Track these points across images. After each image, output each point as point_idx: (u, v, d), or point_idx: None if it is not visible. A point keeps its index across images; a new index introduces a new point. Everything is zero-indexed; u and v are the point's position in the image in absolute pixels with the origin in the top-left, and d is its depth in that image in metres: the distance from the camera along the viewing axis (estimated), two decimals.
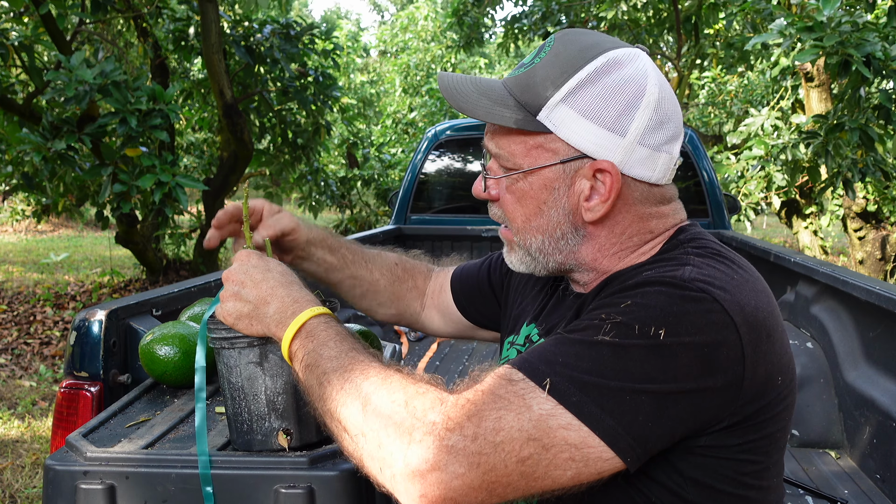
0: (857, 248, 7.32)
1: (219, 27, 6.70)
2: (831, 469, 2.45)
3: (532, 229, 1.06)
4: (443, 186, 4.68)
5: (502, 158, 1.06)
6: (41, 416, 4.52)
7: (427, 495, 0.84)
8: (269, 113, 8.15)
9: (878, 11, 6.41)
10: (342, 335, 1.01)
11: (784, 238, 12.95)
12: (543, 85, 1.01)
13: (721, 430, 0.90)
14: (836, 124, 4.89)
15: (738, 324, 0.88)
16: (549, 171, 1.03)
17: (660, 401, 0.85)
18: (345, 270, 1.43)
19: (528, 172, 1.03)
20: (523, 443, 0.84)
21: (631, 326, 0.87)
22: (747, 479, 0.95)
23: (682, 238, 1.05)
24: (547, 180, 1.03)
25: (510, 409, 0.85)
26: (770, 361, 0.92)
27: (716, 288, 0.90)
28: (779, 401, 0.94)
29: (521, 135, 1.03)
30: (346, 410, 0.91)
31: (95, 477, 1.08)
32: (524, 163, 1.04)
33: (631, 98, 0.98)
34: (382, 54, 22.01)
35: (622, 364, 0.85)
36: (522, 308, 1.29)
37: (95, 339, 1.69)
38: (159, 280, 7.95)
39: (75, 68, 4.93)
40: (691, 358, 0.86)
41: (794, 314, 3.03)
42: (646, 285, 0.92)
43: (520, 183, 1.05)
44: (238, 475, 1.08)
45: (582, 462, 0.85)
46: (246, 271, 1.10)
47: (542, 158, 1.02)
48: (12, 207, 12.39)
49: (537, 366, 0.88)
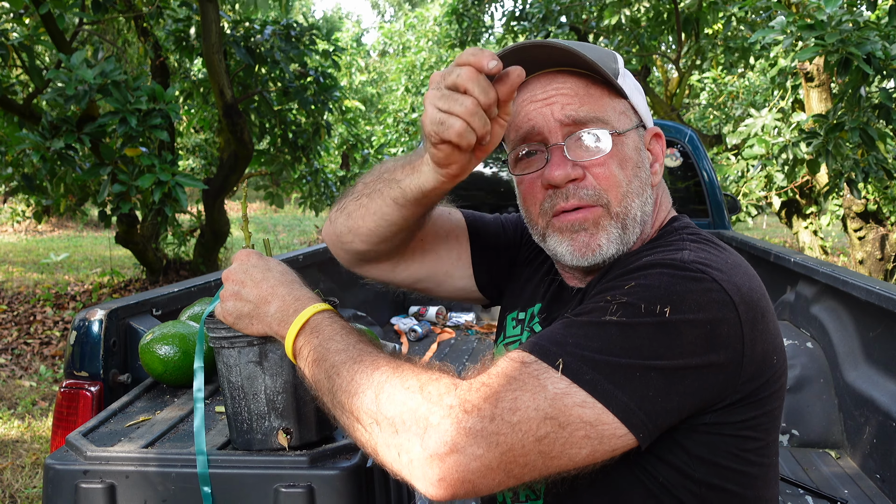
0: (857, 248, 7.31)
1: (219, 27, 6.70)
2: (831, 469, 2.45)
3: (632, 194, 1.07)
4: None
5: (599, 122, 1.05)
6: (41, 416, 4.52)
7: (446, 478, 0.84)
8: (269, 113, 8.16)
9: (878, 12, 6.40)
10: (347, 329, 1.01)
11: (784, 238, 12.95)
12: (607, 59, 1.08)
13: (724, 407, 0.93)
14: (837, 124, 4.89)
15: (737, 302, 0.92)
16: (635, 134, 1.09)
17: (668, 376, 0.87)
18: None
19: (623, 135, 1.07)
20: (540, 422, 0.84)
21: (637, 306, 0.89)
22: (750, 455, 0.98)
23: (676, 226, 1.11)
24: (636, 143, 1.09)
25: (525, 389, 0.85)
26: (766, 340, 0.95)
27: (713, 269, 0.94)
28: (774, 379, 0.97)
29: (609, 98, 1.08)
30: (359, 400, 0.91)
31: (95, 476, 1.09)
32: (620, 125, 1.07)
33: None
34: (382, 55, 22.02)
35: (631, 342, 0.87)
36: (530, 285, 1.28)
37: (95, 338, 1.69)
38: (159, 280, 7.95)
39: (75, 68, 4.93)
40: (696, 334, 0.88)
41: (794, 314, 3.03)
42: (648, 268, 0.95)
43: (620, 146, 1.07)
44: (238, 474, 1.08)
45: (597, 439, 0.86)
46: (246, 271, 1.10)
47: (628, 122, 1.09)
48: (12, 208, 12.39)
49: (548, 348, 0.89)
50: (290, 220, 17.12)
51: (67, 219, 14.90)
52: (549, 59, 1.06)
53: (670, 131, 4.24)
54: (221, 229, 8.07)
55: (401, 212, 1.11)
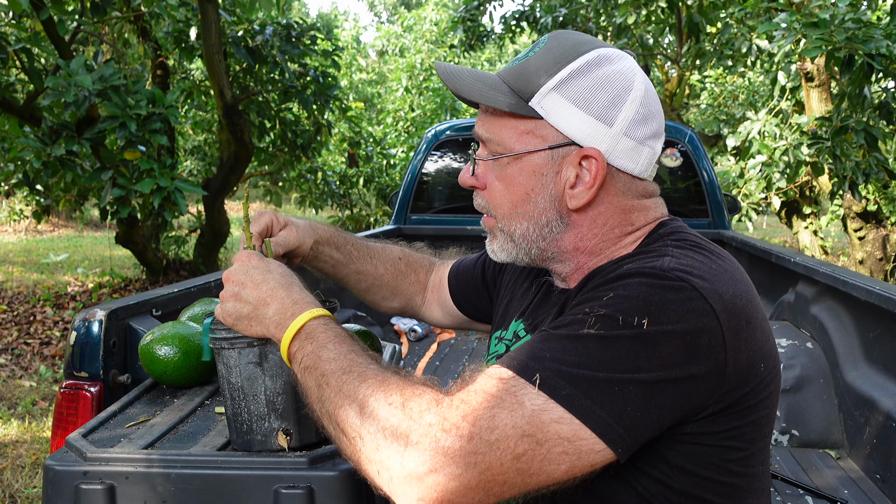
0: (857, 248, 7.31)
1: (219, 27, 6.70)
2: (831, 469, 2.45)
3: (518, 215, 1.07)
4: (443, 186, 4.68)
5: (493, 143, 1.08)
6: (41, 416, 4.52)
7: (425, 498, 0.84)
8: (269, 112, 8.16)
9: (879, 13, 6.40)
10: (341, 337, 1.01)
11: (784, 238, 12.95)
12: (537, 74, 1.04)
13: (706, 417, 0.92)
14: (841, 127, 4.89)
15: (718, 311, 0.90)
16: (537, 157, 1.05)
17: (647, 390, 0.86)
18: (350, 266, 1.48)
19: (518, 157, 1.06)
20: (518, 439, 0.84)
21: (615, 318, 0.88)
22: (732, 465, 0.96)
23: (661, 232, 1.07)
24: (536, 166, 1.05)
25: (503, 406, 0.85)
26: (751, 348, 0.93)
27: (694, 277, 0.92)
28: (762, 387, 0.96)
29: (512, 119, 1.06)
30: (344, 413, 0.92)
31: (95, 477, 1.08)
32: (515, 147, 1.06)
33: (619, 90, 1.02)
34: (381, 55, 22.02)
35: (609, 355, 0.87)
36: (512, 305, 1.31)
37: (95, 339, 1.69)
38: (159, 280, 7.95)
39: (74, 73, 4.93)
40: (675, 346, 0.87)
41: (794, 314, 3.03)
42: (626, 277, 0.94)
43: (509, 168, 1.07)
44: (238, 475, 1.08)
45: (575, 455, 0.85)
46: (246, 272, 1.10)
47: (531, 143, 1.05)
48: (12, 207, 12.39)
49: (526, 362, 0.89)
50: None
51: (67, 219, 14.90)
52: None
53: (670, 131, 4.24)
54: (221, 229, 8.07)
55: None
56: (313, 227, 1.41)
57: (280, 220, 1.34)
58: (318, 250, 1.41)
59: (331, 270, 1.47)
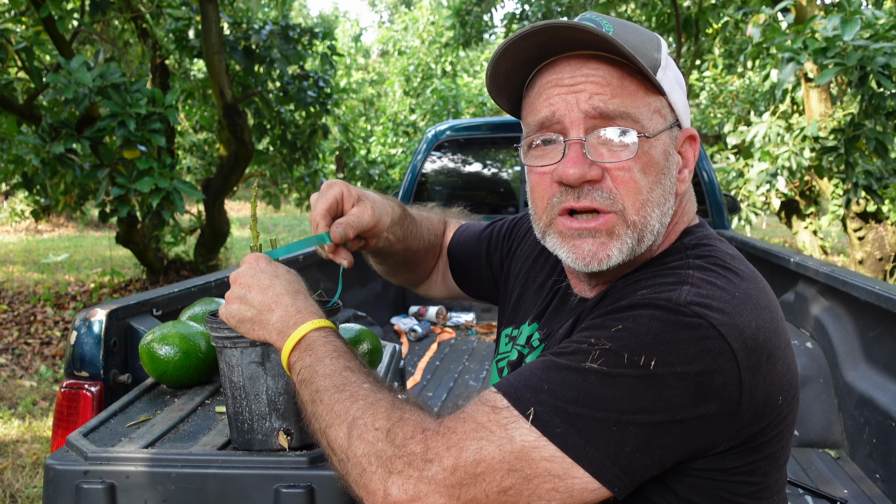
0: (856, 248, 7.31)
1: (219, 27, 6.71)
2: (831, 469, 2.45)
3: (653, 203, 0.95)
4: (443, 186, 4.68)
5: (629, 119, 0.94)
6: (41, 416, 4.52)
7: None
8: (268, 113, 8.16)
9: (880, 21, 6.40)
10: (340, 351, 1.00)
11: (784, 238, 12.95)
12: (649, 46, 0.97)
13: (718, 454, 0.88)
14: (854, 135, 4.89)
15: (736, 350, 0.84)
16: (667, 136, 0.98)
17: (648, 431, 0.82)
18: (400, 244, 1.30)
19: (653, 137, 0.95)
20: (504, 474, 0.82)
21: (620, 354, 0.83)
22: (744, 499, 0.92)
23: (686, 242, 1.00)
24: (666, 146, 0.97)
25: (492, 439, 0.83)
26: (770, 383, 0.88)
27: (713, 311, 0.85)
28: (779, 420, 0.91)
29: (647, 94, 0.95)
30: (333, 433, 0.91)
31: (96, 476, 1.09)
32: (649, 126, 0.95)
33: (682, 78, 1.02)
34: (383, 54, 22.02)
35: (609, 393, 0.82)
36: (524, 301, 1.26)
37: (96, 339, 1.69)
38: (159, 280, 7.95)
39: (75, 71, 4.93)
40: (683, 387, 0.82)
41: (794, 314, 3.03)
42: (639, 307, 0.87)
43: (647, 150, 0.94)
44: (238, 475, 1.08)
45: (567, 493, 0.83)
46: (254, 275, 1.08)
47: (659, 122, 0.97)
48: (12, 207, 12.38)
49: (522, 393, 0.86)
50: (290, 220, 17.11)
51: (67, 219, 14.89)
52: (583, 42, 0.94)
53: None
54: (221, 229, 8.07)
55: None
56: (389, 203, 1.24)
57: (353, 192, 1.16)
58: (390, 230, 1.24)
59: (383, 249, 1.28)
